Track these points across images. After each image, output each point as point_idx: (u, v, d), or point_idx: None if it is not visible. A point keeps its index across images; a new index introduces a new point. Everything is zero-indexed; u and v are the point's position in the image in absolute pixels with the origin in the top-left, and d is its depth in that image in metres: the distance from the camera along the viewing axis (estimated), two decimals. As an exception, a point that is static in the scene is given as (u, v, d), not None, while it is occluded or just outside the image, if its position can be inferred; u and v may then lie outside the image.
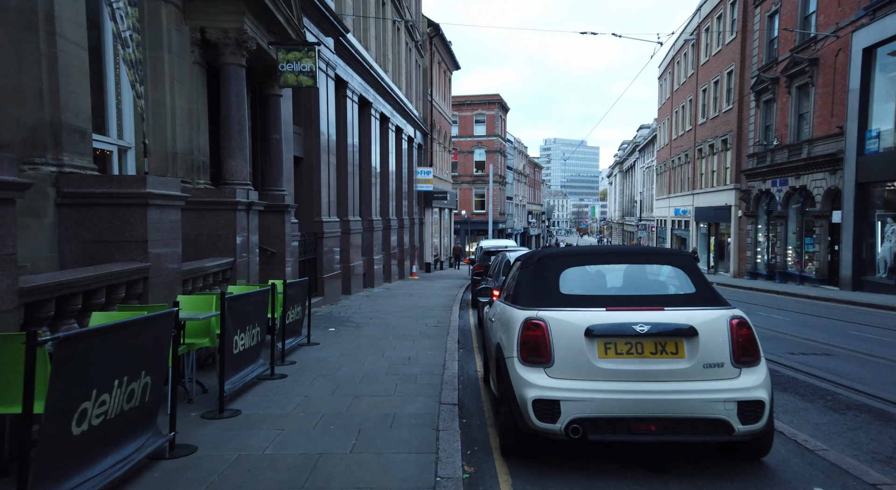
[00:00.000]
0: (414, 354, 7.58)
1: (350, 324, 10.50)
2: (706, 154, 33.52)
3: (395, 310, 12.89)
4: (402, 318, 11.48)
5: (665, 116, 45.97)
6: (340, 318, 11.37)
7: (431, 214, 33.37)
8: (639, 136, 76.30)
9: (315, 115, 13.88)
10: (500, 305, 5.01)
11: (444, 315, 12.06)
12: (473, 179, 56.63)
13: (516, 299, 4.37)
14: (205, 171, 8.25)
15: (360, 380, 6.11)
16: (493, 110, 57.26)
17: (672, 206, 42.14)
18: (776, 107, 24.44)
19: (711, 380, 3.64)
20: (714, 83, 32.30)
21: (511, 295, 4.62)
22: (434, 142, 33.53)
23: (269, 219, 10.11)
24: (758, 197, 26.27)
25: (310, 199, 13.97)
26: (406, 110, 24.84)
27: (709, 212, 32.81)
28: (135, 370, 3.28)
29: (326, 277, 14.09)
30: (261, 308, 5.74)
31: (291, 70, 9.25)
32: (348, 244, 16.72)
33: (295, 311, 7.57)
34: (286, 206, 10.13)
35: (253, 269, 8.52)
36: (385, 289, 18.98)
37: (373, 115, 19.75)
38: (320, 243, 13.93)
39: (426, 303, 14.63)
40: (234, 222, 7.75)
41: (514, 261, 5.53)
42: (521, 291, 4.36)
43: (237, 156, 8.18)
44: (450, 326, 10.34)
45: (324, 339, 8.69)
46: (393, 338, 8.93)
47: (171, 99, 7.50)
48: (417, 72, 29.27)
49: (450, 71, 39.21)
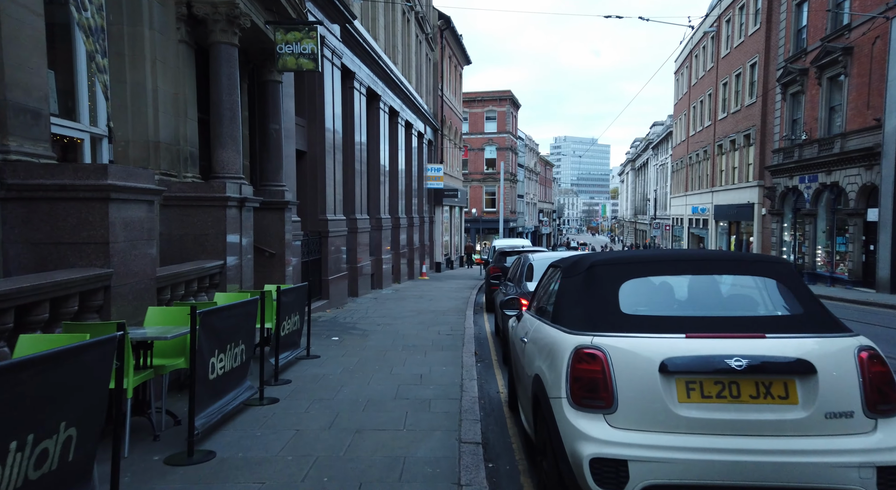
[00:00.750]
0: (426, 371, 6.66)
1: (355, 332, 9.60)
2: (727, 150, 32.33)
3: (405, 314, 11.99)
4: (413, 324, 10.57)
5: (682, 112, 44.72)
6: (345, 324, 10.48)
7: (441, 213, 32.46)
8: (652, 133, 74.99)
9: (320, 107, 13.00)
10: (535, 322, 4.08)
11: (457, 320, 11.14)
12: (484, 177, 55.63)
13: (560, 318, 3.42)
14: (193, 164, 7.37)
15: (363, 406, 5.20)
16: (504, 106, 56.23)
17: (689, 203, 40.94)
18: (805, 99, 23.26)
19: (837, 435, 2.68)
20: (736, 76, 31.10)
21: (551, 312, 3.68)
22: (444, 138, 32.61)
23: (266, 217, 9.24)
24: (784, 194, 25.11)
25: (314, 196, 13.09)
26: (416, 105, 23.93)
27: (729, 210, 31.63)
28: (49, 424, 2.39)
29: (332, 279, 13.22)
30: (246, 322, 4.84)
31: (291, 52, 8.35)
32: (355, 243, 15.84)
33: (292, 321, 6.68)
34: (286, 203, 9.25)
35: (247, 273, 7.64)
36: (394, 290, 18.09)
37: (381, 108, 18.85)
38: (325, 243, 13.06)
39: (437, 306, 13.72)
40: (224, 220, 6.86)
41: (551, 267, 4.59)
42: (566, 308, 3.41)
43: (229, 146, 7.30)
44: (464, 335, 9.42)
45: (326, 351, 7.80)
46: (402, 349, 8.02)
47: (153, 81, 6.62)
48: (428, 66, 28.35)
49: (461, 66, 38.25)
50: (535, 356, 3.66)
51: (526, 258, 8.08)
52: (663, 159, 62.07)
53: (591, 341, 2.98)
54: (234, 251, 7.16)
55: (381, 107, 18.83)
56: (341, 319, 11.19)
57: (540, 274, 7.43)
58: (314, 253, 12.62)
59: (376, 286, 18.47)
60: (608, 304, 3.14)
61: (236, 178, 7.32)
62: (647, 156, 76.04)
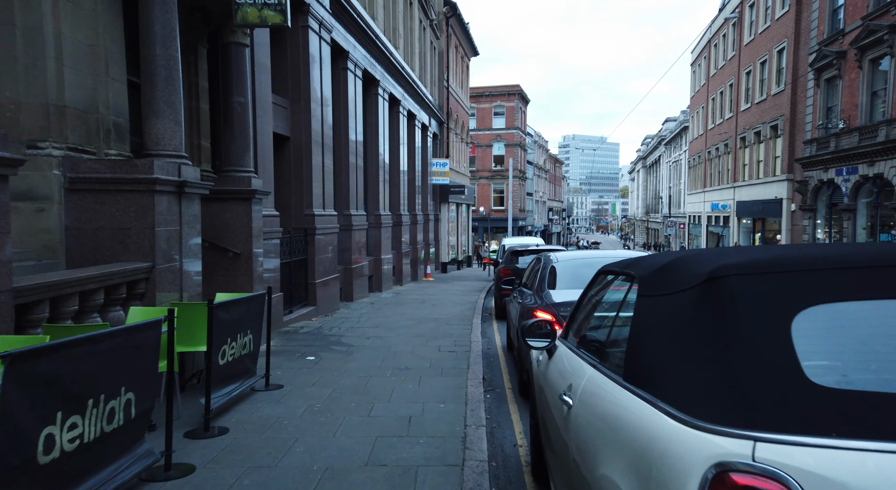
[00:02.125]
0: (418, 411, 4.97)
1: (339, 348, 7.94)
2: (751, 142, 30.41)
3: (402, 323, 10.31)
4: (409, 337, 8.90)
5: (699, 105, 42.78)
6: (330, 337, 8.82)
7: (448, 210, 30.79)
8: (664, 129, 73.10)
9: (305, 86, 11.35)
10: (584, 368, 2.42)
11: (462, 331, 9.46)
12: (492, 174, 53.93)
13: (652, 381, 1.73)
14: (120, 138, 5.73)
15: (317, 482, 3.52)
16: (512, 102, 54.51)
17: (708, 200, 39.02)
18: (842, 85, 21.36)
19: None
20: (761, 64, 29.19)
21: (621, 359, 2.00)
22: (451, 132, 30.94)
23: (229, 208, 7.60)
24: (817, 188, 23.20)
25: (299, 188, 11.45)
26: (420, 94, 22.27)
27: (754, 206, 29.72)
28: None
29: (319, 282, 11.57)
30: (132, 359, 3.14)
31: (252, 2, 6.70)
32: (350, 242, 14.20)
33: (240, 344, 5.02)
34: (253, 192, 7.60)
35: (192, 278, 6.00)
36: (394, 293, 16.43)
37: (380, 94, 17.19)
38: (312, 241, 11.42)
39: (440, 313, 12.04)
40: (152, 210, 5.22)
41: (604, 274, 2.90)
42: (665, 362, 1.71)
43: (165, 115, 5.65)
44: (470, 351, 7.74)
45: (293, 378, 6.14)
46: (391, 374, 6.34)
47: (54, 25, 4.98)
48: (433, 54, 26.68)
49: (467, 57, 36.54)
50: (597, 443, 1.96)
51: (547, 259, 6.38)
52: (677, 156, 60.17)
53: (750, 454, 1.29)
54: (170, 250, 5.52)
55: (380, 93, 17.18)
56: (326, 330, 9.53)
57: (568, 280, 5.75)
58: (298, 252, 10.98)
59: (375, 289, 16.82)
60: (775, 363, 1.43)
61: (174, 155, 5.67)
62: (660, 152, 74.18)
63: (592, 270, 5.96)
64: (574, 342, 2.97)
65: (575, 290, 5.53)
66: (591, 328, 2.86)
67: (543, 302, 5.38)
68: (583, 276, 5.67)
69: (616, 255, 6.41)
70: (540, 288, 5.80)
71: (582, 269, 5.86)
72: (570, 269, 5.94)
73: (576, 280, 5.71)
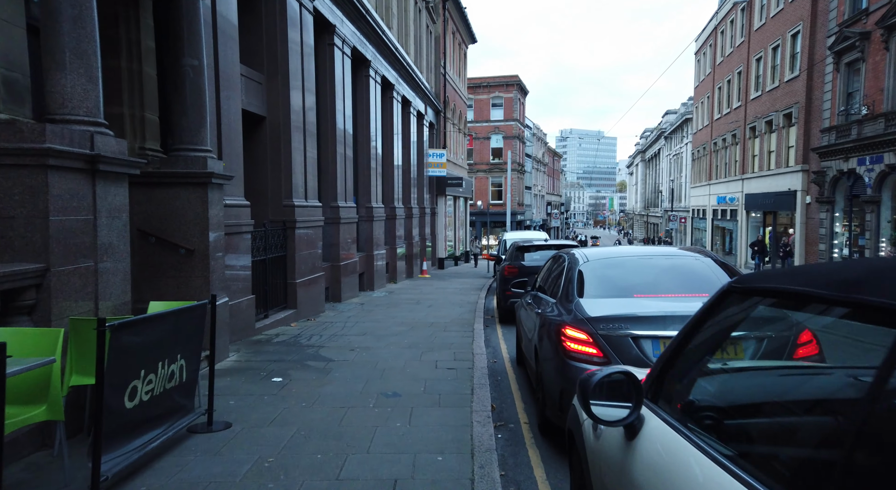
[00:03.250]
0: (406, 470, 3.61)
1: (315, 363, 6.58)
2: (761, 132, 29.08)
3: (393, 330, 8.97)
4: (401, 347, 7.55)
5: (704, 95, 41.42)
6: (307, 348, 7.47)
7: (445, 204, 29.41)
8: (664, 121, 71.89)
9: (283, 58, 9.96)
10: None
11: (462, 340, 8.13)
12: (490, 168, 52.58)
13: None
14: (14, 98, 4.34)
15: None
16: (511, 93, 53.10)
17: (713, 193, 37.73)
18: (865, 68, 20.02)
19: None
20: (773, 49, 27.82)
21: None
22: (448, 122, 29.53)
23: (180, 195, 6.23)
24: (836, 179, 21.91)
25: (276, 175, 10.07)
26: (415, 80, 20.86)
27: (765, 199, 28.42)
28: None
29: (301, 282, 10.22)
30: None
31: (200, -66, 5.31)
32: (337, 237, 12.84)
33: (164, 375, 3.65)
34: (209, 176, 6.23)
35: (114, 285, 4.63)
36: (387, 293, 15.09)
37: (372, 77, 15.79)
38: (291, 236, 10.05)
39: (437, 316, 10.70)
40: (45, 193, 3.85)
41: (789, 302, 1.52)
42: None
43: (72, 68, 4.27)
44: (473, 367, 6.40)
45: (248, 411, 4.79)
46: (375, 404, 5.00)
47: None
48: (429, 39, 25.23)
49: (465, 44, 35.10)
50: None
51: (573, 259, 5.00)
52: (677, 148, 58.98)
53: None
54: (77, 247, 4.15)
55: (372, 75, 15.77)
56: (305, 339, 8.18)
57: (606, 287, 4.41)
58: (275, 248, 9.61)
59: (366, 288, 15.48)
60: None
61: (86, 122, 4.29)
62: (659, 146, 73.05)
63: (639, 276, 4.64)
64: (676, 413, 1.62)
65: (615, 299, 4.18)
66: (728, 398, 1.50)
67: (574, 315, 4.03)
68: (626, 282, 4.33)
69: (663, 252, 5.08)
70: (566, 295, 4.45)
71: (625, 273, 4.53)
72: (606, 271, 4.58)
73: (616, 286, 4.38)
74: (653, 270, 4.54)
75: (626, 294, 4.23)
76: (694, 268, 4.51)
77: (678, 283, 4.28)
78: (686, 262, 4.63)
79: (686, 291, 4.13)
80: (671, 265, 4.64)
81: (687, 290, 4.14)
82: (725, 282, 4.30)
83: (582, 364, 3.80)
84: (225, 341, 6.71)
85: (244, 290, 8.04)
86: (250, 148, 9.89)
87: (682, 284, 4.23)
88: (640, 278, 4.41)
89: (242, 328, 8.00)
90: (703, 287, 4.12)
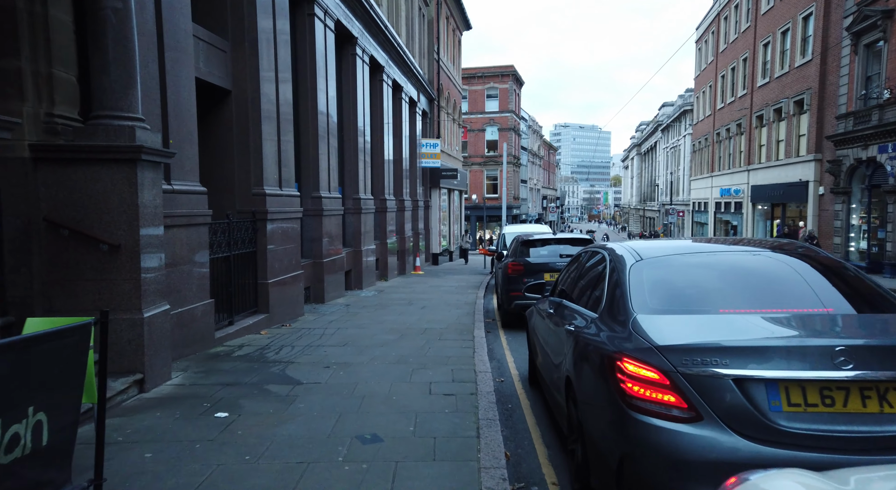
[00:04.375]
0: None
1: (276, 389, 5.23)
2: (769, 121, 27.85)
3: (380, 339, 7.63)
4: (387, 363, 6.22)
5: (705, 84, 40.18)
6: (272, 365, 6.12)
7: (439, 197, 28.05)
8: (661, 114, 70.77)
9: (251, 22, 8.55)
10: None
11: (461, 352, 6.80)
12: (485, 160, 51.28)
13: None
14: None
15: None
16: (506, 83, 51.74)
17: (716, 185, 36.56)
18: (887, 49, 18.78)
19: None
20: (782, 33, 26.56)
21: None
22: (442, 111, 28.12)
23: (99, 176, 4.86)
24: (853, 168, 20.71)
25: (244, 159, 8.69)
26: (408, 64, 19.44)
27: (773, 190, 27.21)
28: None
29: (274, 283, 8.86)
30: None
31: None
32: (320, 231, 11.48)
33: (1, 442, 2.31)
34: (138, 150, 4.85)
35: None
36: (377, 292, 13.75)
37: (359, 55, 14.38)
38: (262, 229, 8.68)
39: (432, 319, 9.38)
40: None
41: None
42: None
43: None
44: (477, 392, 5.08)
45: (167, 469, 3.44)
46: (346, 455, 3.66)
47: None
48: (422, 22, 23.79)
49: (459, 30, 33.66)
50: None
51: (616, 257, 3.55)
52: (675, 141, 57.92)
53: None
54: None
55: (359, 53, 14.36)
56: (273, 352, 6.83)
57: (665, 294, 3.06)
58: (243, 244, 8.24)
59: (354, 286, 14.13)
60: None
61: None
62: (656, 139, 72.06)
63: (724, 281, 2.92)
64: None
65: (693, 316, 2.85)
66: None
67: (635, 342, 2.70)
68: (706, 291, 3.01)
69: (748, 247, 3.76)
70: (615, 309, 3.10)
71: (701, 277, 3.18)
72: (671, 275, 3.19)
73: (690, 297, 3.03)
74: (745, 273, 3.20)
75: (706, 308, 2.89)
76: (807, 270, 3.16)
77: (790, 292, 2.95)
78: (792, 261, 3.27)
79: (803, 304, 2.81)
80: (771, 265, 3.31)
81: (804, 302, 2.83)
82: (871, 292, 2.97)
83: (654, 419, 2.48)
84: (164, 360, 5.34)
85: (199, 293, 6.68)
86: (212, 126, 8.51)
87: (798, 294, 2.91)
88: (726, 284, 3.08)
89: (196, 340, 6.64)
90: (831, 299, 2.81)
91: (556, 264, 9.33)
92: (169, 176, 6.25)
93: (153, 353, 5.11)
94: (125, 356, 4.93)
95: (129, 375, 4.88)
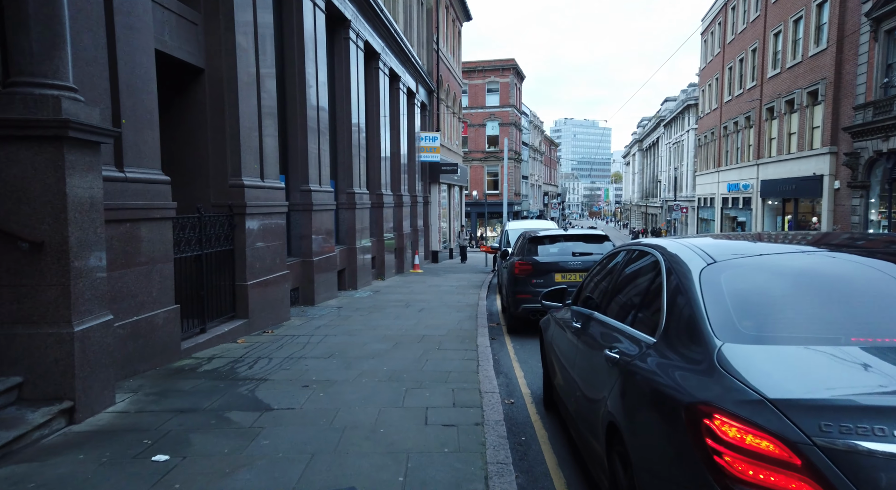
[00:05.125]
0: None
1: (239, 418, 4.30)
2: (780, 113, 26.87)
3: (371, 349, 6.71)
4: (377, 380, 5.30)
5: (712, 77, 39.17)
6: (241, 383, 5.20)
7: (439, 192, 27.11)
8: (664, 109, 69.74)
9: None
10: None
11: (463, 365, 5.88)
12: (486, 156, 50.31)
13: None
14: None
15: None
16: (507, 77, 50.75)
17: (723, 180, 35.59)
18: (911, 35, 17.82)
19: None
20: (794, 22, 25.56)
21: None
22: (441, 103, 27.17)
23: (17, 158, 3.93)
24: (872, 161, 19.75)
25: (220, 147, 7.75)
26: (406, 52, 18.47)
27: (784, 185, 26.25)
28: None
29: (254, 284, 7.93)
30: None
31: None
32: (310, 227, 10.56)
33: None
34: (65, 125, 3.92)
35: None
36: (372, 292, 12.83)
37: (353, 40, 13.44)
38: (241, 224, 7.76)
39: (430, 324, 8.46)
40: None
41: None
42: None
43: None
44: (483, 419, 4.17)
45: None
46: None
47: None
48: (420, 10, 22.81)
49: (459, 21, 32.67)
50: None
51: (675, 260, 2.55)
52: (678, 136, 56.87)
53: None
54: None
55: (353, 38, 13.42)
56: (246, 365, 5.90)
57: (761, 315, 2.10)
58: (217, 241, 7.32)
59: (348, 286, 13.22)
60: None
61: None
62: (658, 134, 71.08)
63: (848, 294, 2.13)
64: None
65: (813, 349, 1.91)
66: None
67: (724, 388, 1.77)
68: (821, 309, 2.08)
69: (874, 242, 2.81)
70: (681, 333, 2.17)
71: (810, 289, 2.19)
72: (766, 285, 2.24)
73: (801, 320, 2.05)
74: (876, 282, 2.26)
75: (830, 335, 1.96)
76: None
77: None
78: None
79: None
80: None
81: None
82: None
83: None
84: (104, 382, 4.41)
85: (160, 298, 5.75)
86: (182, 108, 7.57)
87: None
88: (853, 300, 2.14)
89: (157, 352, 5.72)
90: None
91: (569, 264, 8.40)
92: (121, 162, 5.33)
93: (88, 375, 4.19)
94: (50, 379, 4.01)
95: (53, 404, 3.95)
